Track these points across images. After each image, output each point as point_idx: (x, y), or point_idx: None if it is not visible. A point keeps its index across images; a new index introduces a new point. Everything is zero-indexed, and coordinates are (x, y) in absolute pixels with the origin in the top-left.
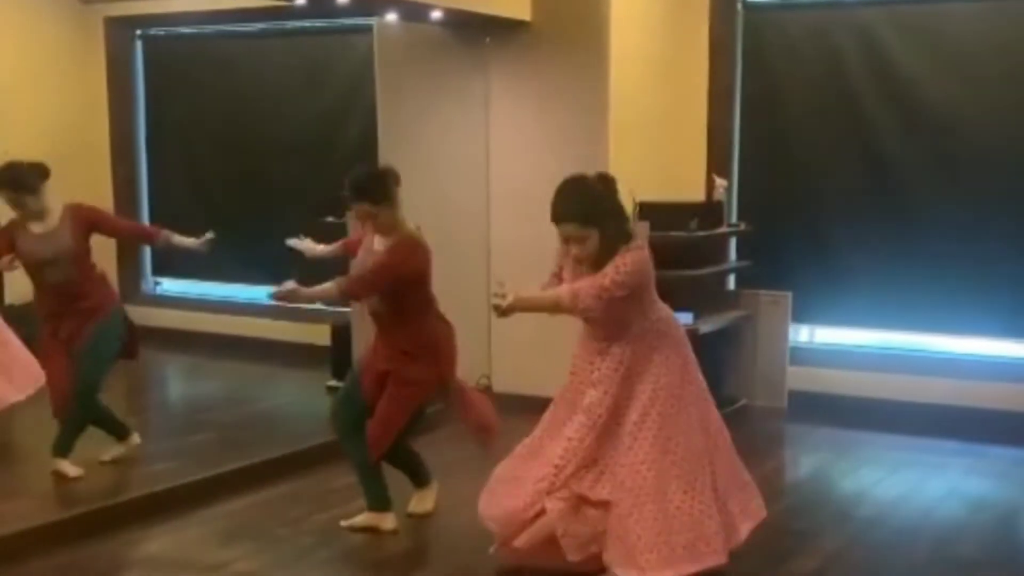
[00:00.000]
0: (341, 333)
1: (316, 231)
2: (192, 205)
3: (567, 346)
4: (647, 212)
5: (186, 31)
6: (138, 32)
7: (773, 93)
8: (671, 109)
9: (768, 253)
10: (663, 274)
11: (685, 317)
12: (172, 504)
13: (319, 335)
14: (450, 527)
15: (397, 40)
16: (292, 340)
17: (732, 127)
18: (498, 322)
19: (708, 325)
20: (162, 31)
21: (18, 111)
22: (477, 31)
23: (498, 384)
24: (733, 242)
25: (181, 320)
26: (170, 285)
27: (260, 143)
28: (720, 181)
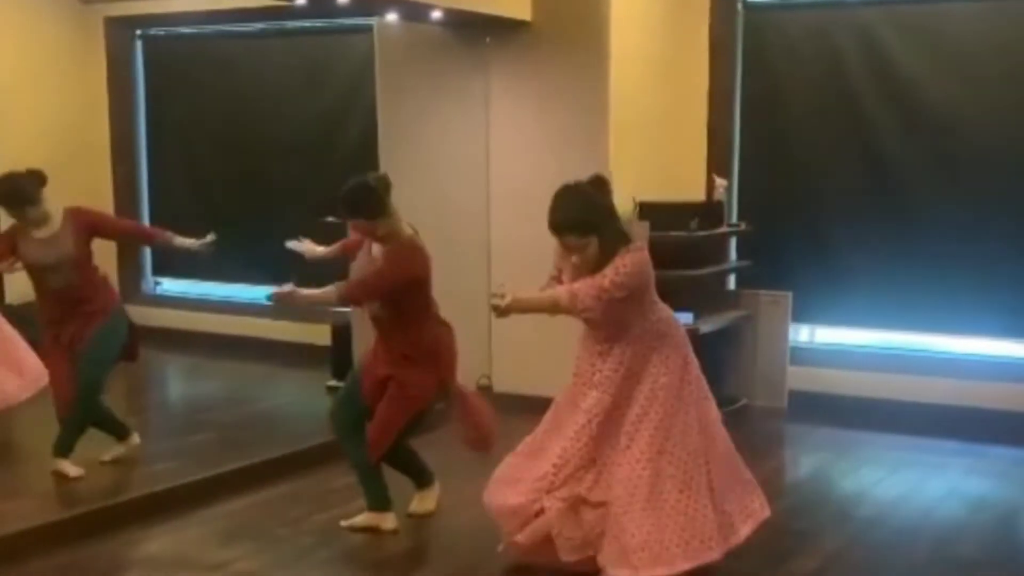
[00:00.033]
0: (341, 333)
1: (316, 231)
2: (192, 205)
3: (567, 346)
4: (647, 212)
5: (186, 31)
6: (138, 32)
7: (773, 93)
8: (671, 109)
9: (768, 253)
10: (663, 274)
11: (685, 317)
12: (172, 504)
13: (319, 335)
14: (450, 527)
15: (397, 40)
16: (292, 340)
17: (732, 127)
18: (498, 322)
19: (708, 325)
20: (162, 31)
21: (18, 111)
22: (477, 31)
23: (498, 384)
24: (733, 242)
25: (181, 320)
26: (170, 285)
27: (260, 143)
28: (720, 181)
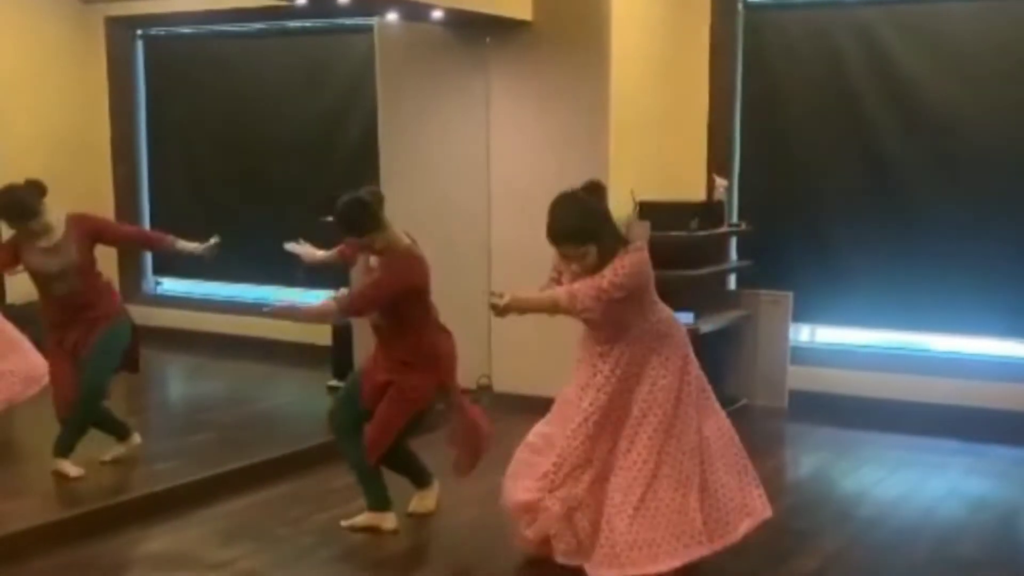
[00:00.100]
0: (342, 333)
1: (316, 231)
2: (193, 204)
3: (567, 346)
4: (648, 212)
5: (187, 31)
6: (139, 32)
7: (773, 93)
8: (672, 109)
9: (769, 253)
10: (663, 274)
11: (686, 317)
12: (173, 504)
13: (320, 335)
14: (450, 527)
15: (398, 40)
16: (293, 340)
17: (732, 127)
18: (498, 322)
19: (709, 325)
20: (163, 31)
21: (18, 111)
22: (478, 31)
23: (498, 384)
24: (734, 242)
25: (182, 320)
26: (171, 285)
27: (261, 143)
28: (720, 181)
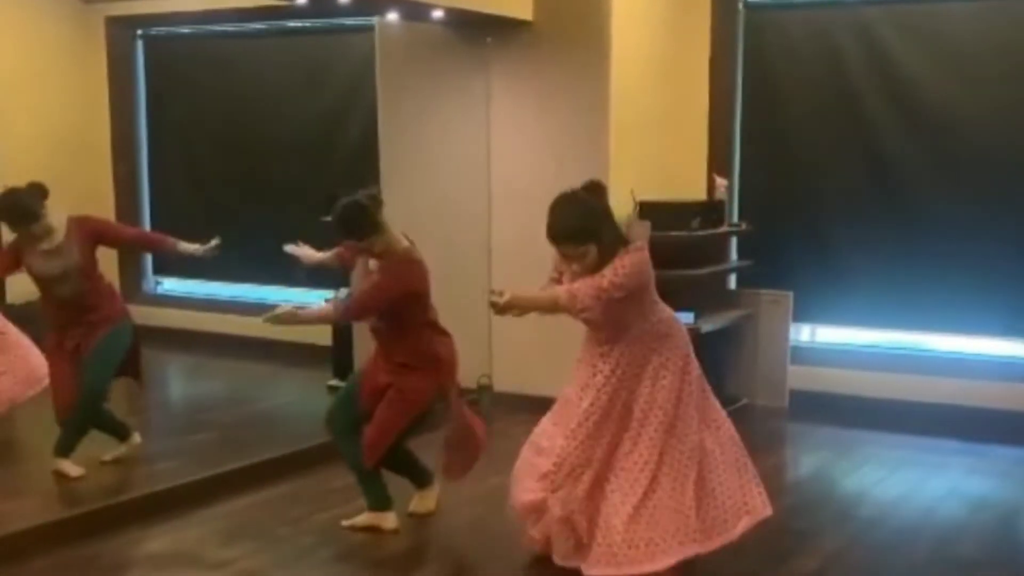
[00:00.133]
0: (342, 333)
1: (316, 231)
2: (193, 204)
3: (567, 346)
4: (648, 211)
5: (187, 31)
6: (139, 32)
7: (774, 93)
8: (672, 109)
9: (769, 252)
10: (664, 274)
11: (686, 316)
12: (173, 503)
13: (320, 335)
14: (451, 526)
15: (398, 39)
16: (293, 339)
17: (733, 126)
18: (498, 323)
19: (709, 324)
20: (163, 31)
21: (19, 110)
22: (478, 30)
23: (499, 384)
24: (734, 241)
25: (182, 319)
26: (171, 284)
27: (261, 142)
28: (721, 180)
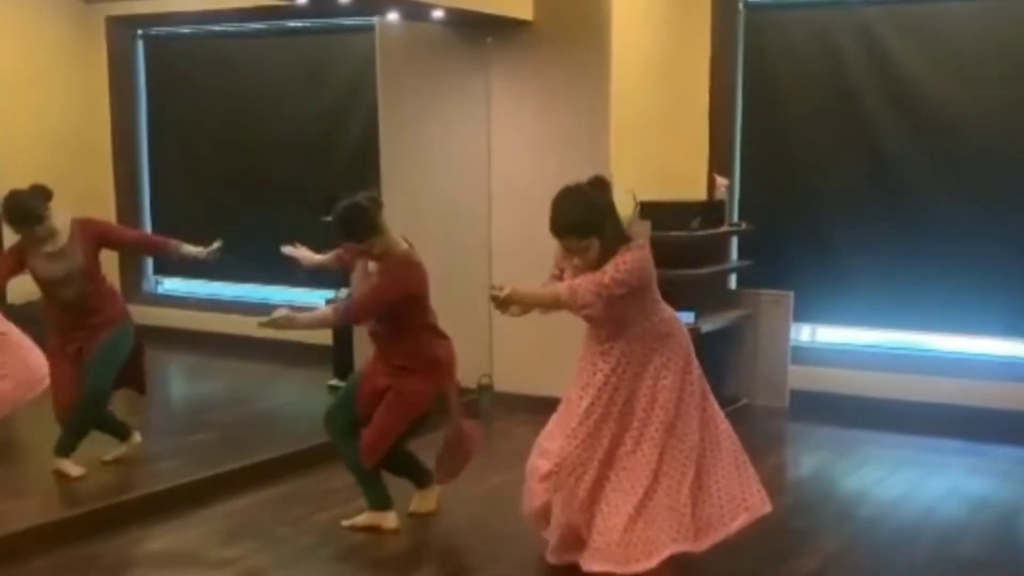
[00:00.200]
0: (343, 333)
1: (316, 231)
2: (193, 204)
3: (568, 346)
4: (648, 211)
5: (187, 31)
6: (139, 31)
7: (774, 92)
8: (672, 108)
9: (769, 252)
10: (664, 273)
11: (687, 316)
12: (173, 503)
13: (321, 334)
14: (451, 526)
15: (398, 39)
16: (293, 339)
17: (733, 126)
18: (499, 322)
19: (709, 324)
20: (163, 31)
21: (19, 110)
22: (479, 30)
23: (499, 383)
24: (735, 241)
25: (183, 319)
26: (172, 284)
27: (261, 142)
28: (721, 180)
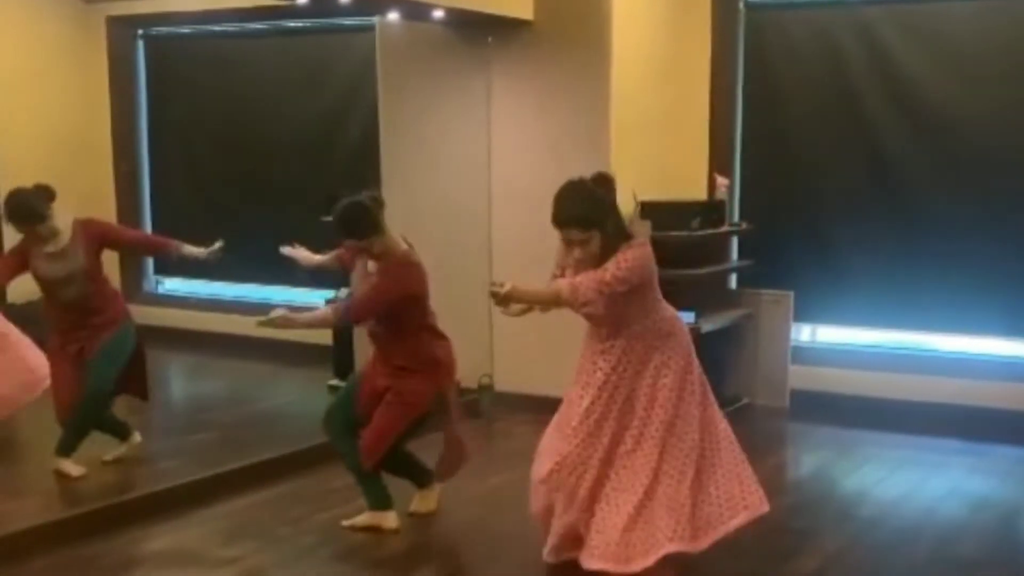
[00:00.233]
0: (343, 332)
1: (316, 231)
2: (193, 204)
3: (569, 346)
4: (649, 211)
5: (187, 31)
6: (140, 31)
7: (775, 92)
8: (673, 108)
9: (770, 252)
10: (665, 273)
11: (687, 316)
12: (174, 503)
13: (321, 335)
14: (451, 526)
15: (399, 39)
16: (294, 339)
17: (734, 126)
18: (500, 322)
19: (710, 324)
20: (163, 31)
21: (20, 110)
22: (479, 30)
23: (500, 383)
24: (735, 241)
25: (183, 319)
26: (172, 284)
27: (261, 142)
28: (722, 180)
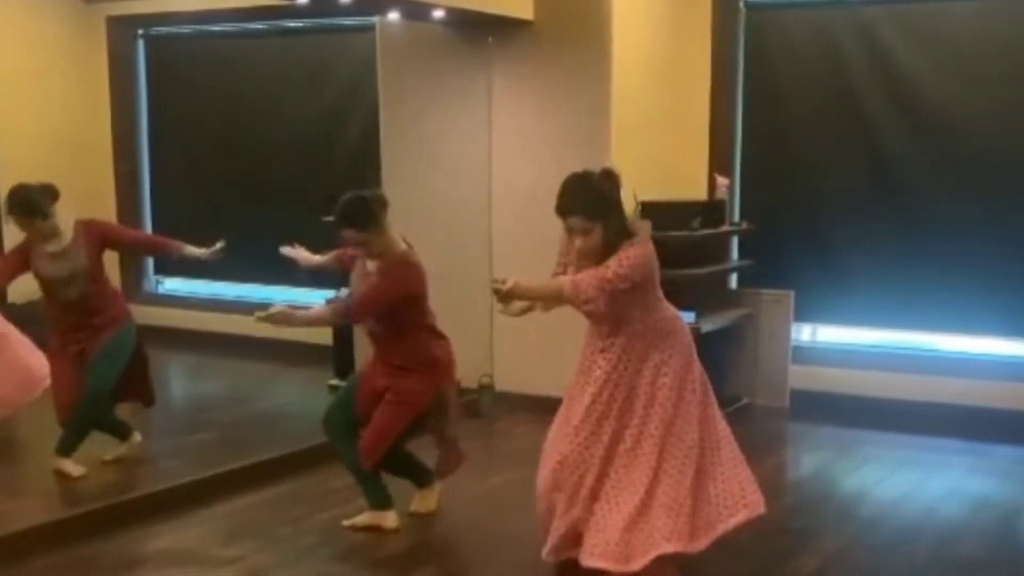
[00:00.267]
0: (343, 332)
1: (316, 231)
2: (193, 204)
3: (569, 345)
4: (649, 211)
5: (188, 30)
6: (140, 31)
7: (775, 92)
8: (673, 108)
9: (770, 252)
10: (665, 273)
11: (687, 316)
12: (174, 503)
13: (321, 334)
14: (451, 526)
15: (399, 39)
16: (294, 339)
17: (734, 126)
18: (500, 321)
19: (710, 324)
20: (163, 31)
21: (20, 110)
22: (479, 30)
23: (500, 383)
24: (735, 241)
25: (183, 319)
26: (172, 284)
27: (262, 142)
28: (722, 180)
